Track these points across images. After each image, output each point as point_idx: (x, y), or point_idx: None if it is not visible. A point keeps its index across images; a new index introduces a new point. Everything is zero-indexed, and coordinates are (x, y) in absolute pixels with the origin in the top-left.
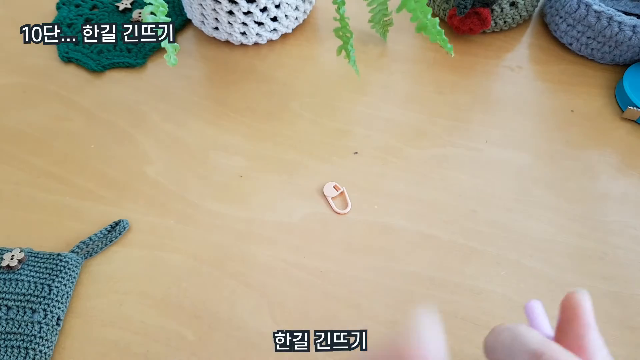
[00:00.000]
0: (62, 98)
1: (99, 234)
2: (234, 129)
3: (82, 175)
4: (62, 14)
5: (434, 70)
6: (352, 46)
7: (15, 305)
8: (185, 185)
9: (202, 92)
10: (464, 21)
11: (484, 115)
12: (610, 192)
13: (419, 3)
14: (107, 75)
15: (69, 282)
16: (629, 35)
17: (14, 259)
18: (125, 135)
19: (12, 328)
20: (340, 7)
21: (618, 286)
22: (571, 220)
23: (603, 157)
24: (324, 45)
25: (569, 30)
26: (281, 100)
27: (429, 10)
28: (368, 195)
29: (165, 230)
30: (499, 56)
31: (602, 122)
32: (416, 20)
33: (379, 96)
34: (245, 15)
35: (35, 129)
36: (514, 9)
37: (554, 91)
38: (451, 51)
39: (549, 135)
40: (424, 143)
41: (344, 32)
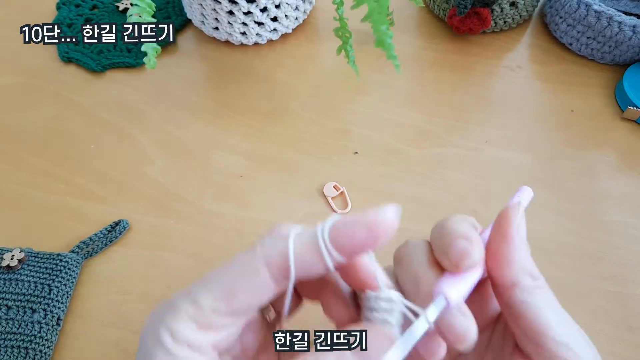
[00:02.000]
0: (62, 98)
1: (99, 234)
2: (234, 128)
3: (82, 175)
4: (62, 14)
5: (434, 70)
6: (351, 46)
7: (15, 305)
8: (185, 185)
9: (202, 92)
10: (463, 21)
11: (484, 115)
12: (610, 192)
13: (381, 15)
14: (107, 75)
15: (69, 282)
16: (629, 35)
17: (14, 259)
18: (125, 135)
19: (12, 328)
20: (340, 7)
21: (618, 286)
22: (571, 219)
23: (603, 157)
24: (324, 45)
25: (569, 30)
26: (281, 100)
27: (385, 22)
28: (368, 195)
29: (166, 230)
30: (498, 56)
31: (602, 122)
32: (377, 32)
33: (379, 96)
34: (245, 16)
35: (35, 129)
36: (514, 9)
37: (554, 91)
38: (398, 69)
39: (549, 135)
40: (424, 143)
41: (343, 32)
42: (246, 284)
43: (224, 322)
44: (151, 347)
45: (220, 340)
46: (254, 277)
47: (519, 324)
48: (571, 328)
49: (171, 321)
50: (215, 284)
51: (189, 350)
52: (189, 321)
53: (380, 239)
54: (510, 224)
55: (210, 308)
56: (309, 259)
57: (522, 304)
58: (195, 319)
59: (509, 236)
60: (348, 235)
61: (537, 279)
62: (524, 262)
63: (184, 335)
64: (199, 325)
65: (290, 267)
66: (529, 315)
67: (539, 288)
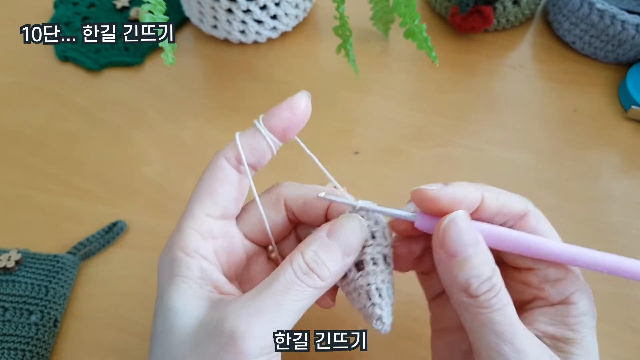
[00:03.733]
0: (59, 97)
1: (96, 235)
2: (233, 128)
3: (79, 176)
4: (59, 12)
5: (435, 68)
6: (351, 45)
7: (12, 307)
8: (183, 186)
9: (201, 91)
10: (466, 19)
11: (486, 115)
12: (613, 192)
13: (409, 8)
14: (104, 74)
15: (66, 284)
16: (632, 34)
17: (11, 260)
18: (123, 134)
19: (9, 330)
20: (340, 5)
21: (620, 287)
22: (574, 220)
23: (606, 156)
24: (324, 43)
25: (572, 29)
26: (281, 100)
27: (417, 16)
28: (369, 195)
29: (164, 231)
30: (501, 55)
31: (605, 122)
32: (405, 25)
33: (380, 95)
34: (245, 14)
35: (32, 129)
36: (517, 7)
37: (556, 90)
38: (436, 60)
39: (552, 135)
40: (425, 142)
41: (344, 31)
42: (219, 181)
43: (218, 225)
44: (169, 267)
45: (221, 247)
46: (221, 172)
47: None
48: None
49: (179, 240)
50: (199, 193)
51: (202, 259)
52: (194, 233)
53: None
54: (435, 238)
55: (203, 214)
56: (252, 142)
57: (459, 316)
58: (197, 230)
59: (435, 250)
60: (275, 114)
61: (473, 295)
62: (454, 278)
63: (193, 247)
64: (202, 234)
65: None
66: (466, 329)
67: (472, 307)
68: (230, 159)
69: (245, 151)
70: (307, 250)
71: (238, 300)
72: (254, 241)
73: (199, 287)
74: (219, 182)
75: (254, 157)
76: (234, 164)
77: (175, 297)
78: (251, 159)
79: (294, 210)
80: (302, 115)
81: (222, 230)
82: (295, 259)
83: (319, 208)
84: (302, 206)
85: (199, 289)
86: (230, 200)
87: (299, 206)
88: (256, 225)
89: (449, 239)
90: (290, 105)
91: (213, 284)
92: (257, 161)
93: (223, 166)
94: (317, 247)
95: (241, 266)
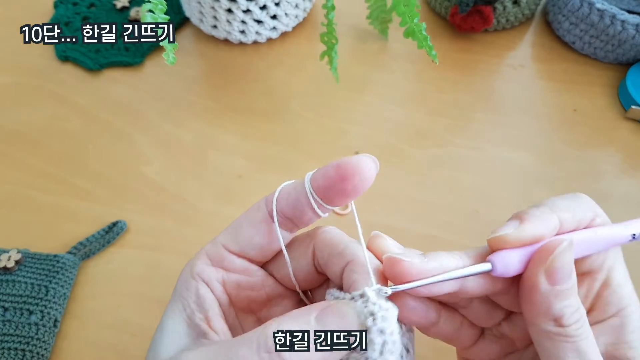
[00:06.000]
0: (59, 97)
1: (96, 235)
2: (233, 128)
3: (79, 176)
4: (59, 12)
5: (435, 68)
6: (336, 53)
7: (12, 307)
8: (183, 186)
9: (201, 91)
10: (465, 19)
11: (486, 115)
12: (613, 192)
13: (409, 7)
14: (104, 74)
15: (66, 284)
16: (632, 34)
17: (11, 260)
18: (123, 134)
19: (9, 330)
20: (330, 12)
21: None
22: None
23: (606, 156)
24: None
25: (571, 29)
26: (281, 100)
27: (416, 15)
28: (368, 195)
29: (164, 231)
30: (501, 55)
31: (605, 122)
32: (404, 24)
33: (379, 95)
34: (245, 14)
35: (31, 129)
36: (517, 7)
37: (556, 90)
38: (435, 59)
39: (551, 135)
40: (425, 142)
41: (329, 38)
42: (247, 221)
43: (233, 259)
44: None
45: (234, 281)
46: (253, 214)
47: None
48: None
49: (195, 259)
50: (232, 224)
51: (202, 283)
52: (205, 258)
53: (349, 178)
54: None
55: (221, 243)
56: (295, 197)
57: (537, 343)
58: (210, 255)
59: (533, 278)
60: (322, 174)
61: (563, 325)
62: (548, 307)
63: (198, 269)
64: (213, 261)
65: (277, 190)
66: (543, 357)
67: (560, 336)
68: (269, 205)
69: (282, 203)
70: (282, 328)
71: (199, 351)
72: (288, 286)
73: (192, 312)
74: (246, 223)
75: (291, 208)
76: (272, 212)
77: (169, 315)
78: (288, 212)
79: (319, 262)
80: (353, 177)
81: (242, 266)
82: (265, 332)
83: (336, 265)
84: (327, 258)
85: (192, 315)
86: (253, 245)
87: (323, 257)
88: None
89: (557, 269)
90: (338, 164)
91: (205, 314)
92: (294, 216)
93: (258, 208)
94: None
95: (259, 304)
